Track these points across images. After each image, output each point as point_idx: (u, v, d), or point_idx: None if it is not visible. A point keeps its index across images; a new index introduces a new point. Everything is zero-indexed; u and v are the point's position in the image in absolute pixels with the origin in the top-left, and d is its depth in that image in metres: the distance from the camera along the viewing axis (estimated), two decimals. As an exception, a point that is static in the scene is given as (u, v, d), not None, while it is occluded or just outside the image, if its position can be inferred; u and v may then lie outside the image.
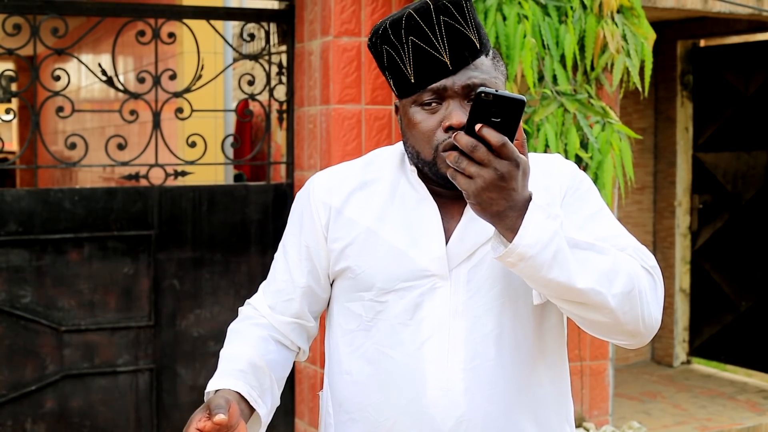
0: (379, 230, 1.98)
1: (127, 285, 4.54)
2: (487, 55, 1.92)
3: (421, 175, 1.98)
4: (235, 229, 4.72)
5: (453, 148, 1.70)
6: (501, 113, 1.64)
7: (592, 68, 4.46)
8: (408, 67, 1.90)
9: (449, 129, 1.87)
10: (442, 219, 1.98)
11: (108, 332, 4.52)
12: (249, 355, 2.04)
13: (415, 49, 1.88)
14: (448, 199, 1.97)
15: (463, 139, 1.64)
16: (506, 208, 1.68)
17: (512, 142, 1.65)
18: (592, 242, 1.80)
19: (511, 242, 1.70)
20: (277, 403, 2.10)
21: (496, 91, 1.63)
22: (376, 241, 1.98)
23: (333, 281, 2.09)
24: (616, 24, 4.41)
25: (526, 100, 1.64)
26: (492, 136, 1.63)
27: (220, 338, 4.70)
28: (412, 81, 1.90)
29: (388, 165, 2.04)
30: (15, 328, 4.37)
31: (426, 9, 1.87)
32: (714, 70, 7.68)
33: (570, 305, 1.81)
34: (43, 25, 4.35)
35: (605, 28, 4.36)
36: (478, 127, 1.64)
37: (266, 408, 2.03)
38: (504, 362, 1.94)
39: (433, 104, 1.90)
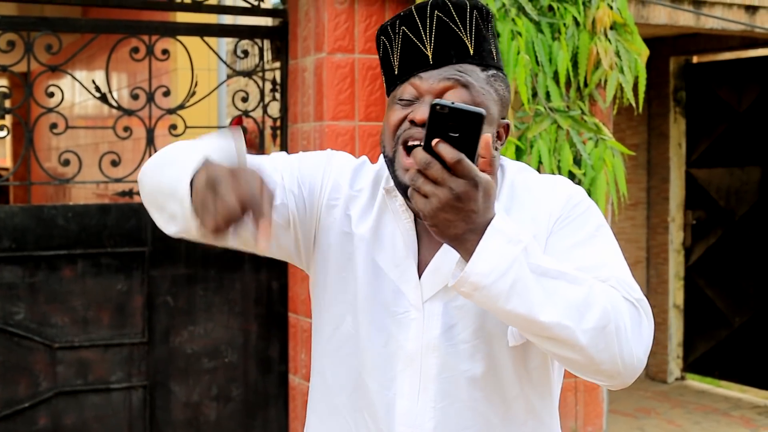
0: (371, 243, 1.89)
1: (121, 302, 4.53)
2: (484, 69, 1.81)
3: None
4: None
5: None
6: (459, 127, 1.52)
7: (586, 85, 4.47)
8: (395, 59, 1.84)
9: (412, 122, 1.77)
10: (423, 246, 1.87)
11: (101, 349, 4.51)
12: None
13: (404, 40, 1.82)
14: None
15: (418, 155, 1.53)
16: (466, 231, 1.55)
17: (473, 158, 1.53)
18: (564, 271, 1.63)
19: (463, 270, 1.57)
20: None
21: (452, 103, 1.52)
22: (365, 254, 1.89)
23: (315, 268, 1.97)
24: (609, 40, 4.43)
25: (484, 113, 1.53)
26: (446, 152, 1.51)
27: (214, 355, 4.70)
28: (395, 73, 1.84)
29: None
30: (8, 345, 4.36)
31: (425, 4, 1.82)
32: (707, 87, 7.71)
33: (538, 340, 1.65)
34: (37, 41, 4.35)
35: (598, 45, 4.38)
36: (434, 142, 1.52)
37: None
38: (476, 405, 1.83)
39: (412, 102, 1.79)
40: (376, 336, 1.87)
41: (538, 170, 4.23)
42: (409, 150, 1.78)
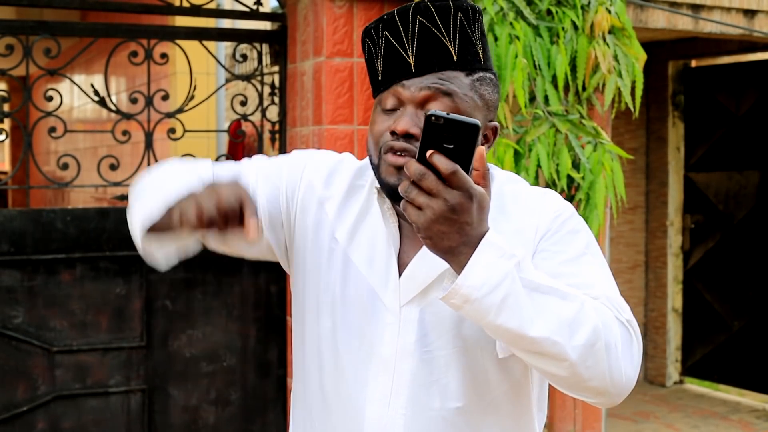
0: (347, 246, 1.88)
1: (119, 305, 4.53)
2: (469, 73, 1.77)
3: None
4: (227, 250, 4.71)
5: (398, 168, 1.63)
6: (454, 139, 1.50)
7: (584, 89, 4.47)
8: (378, 64, 1.80)
9: (393, 134, 1.76)
10: (405, 248, 1.86)
11: (100, 353, 4.50)
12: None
13: (387, 45, 1.78)
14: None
15: (412, 167, 1.50)
16: (460, 244, 1.53)
17: (467, 170, 1.51)
18: (555, 286, 1.61)
19: (454, 282, 1.55)
20: None
21: (448, 114, 1.50)
22: (341, 256, 1.88)
23: (294, 271, 1.99)
24: (608, 44, 4.43)
25: (480, 124, 1.51)
26: (442, 163, 1.49)
27: (212, 359, 4.70)
28: (379, 78, 1.81)
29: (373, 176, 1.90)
30: (6, 349, 4.35)
31: (407, 8, 1.78)
32: (705, 91, 7.72)
33: (526, 354, 1.63)
34: (35, 45, 4.35)
35: (597, 49, 4.38)
36: (428, 153, 1.50)
37: None
38: (448, 414, 1.82)
39: (394, 110, 1.78)
40: (350, 339, 1.86)
41: (536, 174, 4.24)
42: (393, 152, 1.77)
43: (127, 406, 4.56)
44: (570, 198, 4.44)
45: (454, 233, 1.52)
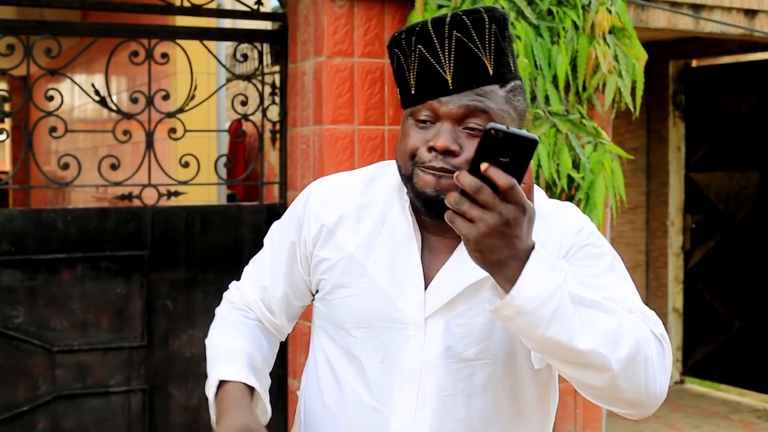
0: (363, 260, 1.88)
1: (120, 305, 4.53)
2: (503, 85, 1.77)
3: (414, 205, 1.85)
4: (228, 249, 4.72)
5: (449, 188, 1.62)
6: (510, 153, 1.48)
7: (584, 88, 4.47)
8: (411, 77, 1.79)
9: (431, 150, 1.75)
10: (427, 260, 1.87)
11: (101, 353, 4.50)
12: (247, 349, 2.08)
13: (420, 59, 1.77)
14: (439, 237, 1.86)
15: (467, 179, 1.48)
16: (508, 257, 1.53)
17: (520, 183, 1.50)
18: (598, 300, 1.64)
19: (508, 294, 1.56)
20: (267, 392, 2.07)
21: (508, 128, 1.47)
22: (358, 271, 1.88)
23: (315, 295, 2.03)
24: (608, 44, 4.43)
25: (539, 139, 1.50)
26: (500, 177, 1.47)
27: (212, 358, 4.69)
28: (412, 93, 1.80)
29: (388, 187, 1.92)
30: (7, 349, 4.35)
31: (441, 21, 1.75)
32: (706, 90, 7.72)
33: (568, 367, 1.65)
34: (36, 45, 4.35)
35: (597, 49, 4.38)
36: (484, 166, 1.48)
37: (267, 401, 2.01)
38: (474, 424, 1.84)
39: (428, 122, 1.78)
40: (373, 352, 1.87)
41: (537, 174, 4.24)
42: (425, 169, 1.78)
43: (127, 406, 4.56)
44: (570, 198, 4.44)
45: (504, 247, 1.52)
